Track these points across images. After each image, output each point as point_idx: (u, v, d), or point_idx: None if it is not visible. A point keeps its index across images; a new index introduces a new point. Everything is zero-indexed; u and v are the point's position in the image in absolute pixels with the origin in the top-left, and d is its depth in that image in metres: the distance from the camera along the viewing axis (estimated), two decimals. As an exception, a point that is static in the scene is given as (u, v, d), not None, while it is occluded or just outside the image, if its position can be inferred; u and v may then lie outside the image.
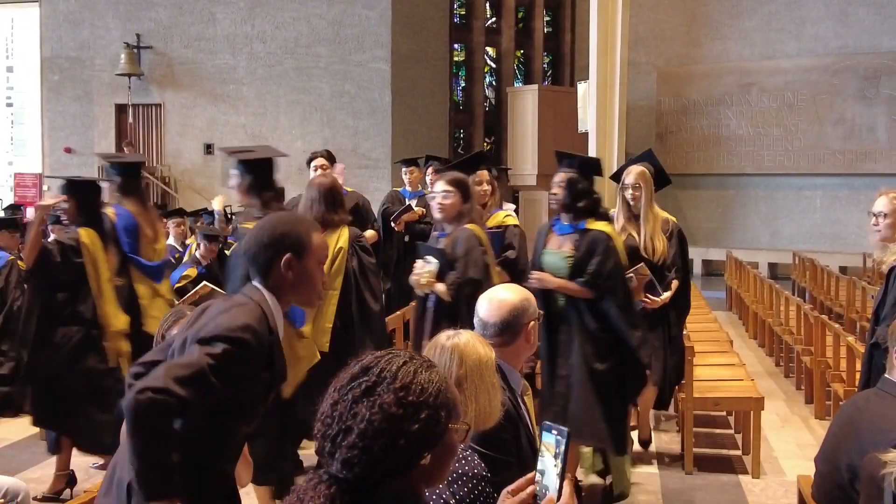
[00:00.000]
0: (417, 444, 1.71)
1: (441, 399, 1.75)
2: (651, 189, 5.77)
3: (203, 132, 16.92)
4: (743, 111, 17.41)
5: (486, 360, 2.69)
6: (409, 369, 1.75)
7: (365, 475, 1.70)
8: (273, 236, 2.76)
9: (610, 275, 4.94)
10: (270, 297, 2.73)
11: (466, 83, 18.96)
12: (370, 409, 1.70)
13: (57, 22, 17.44)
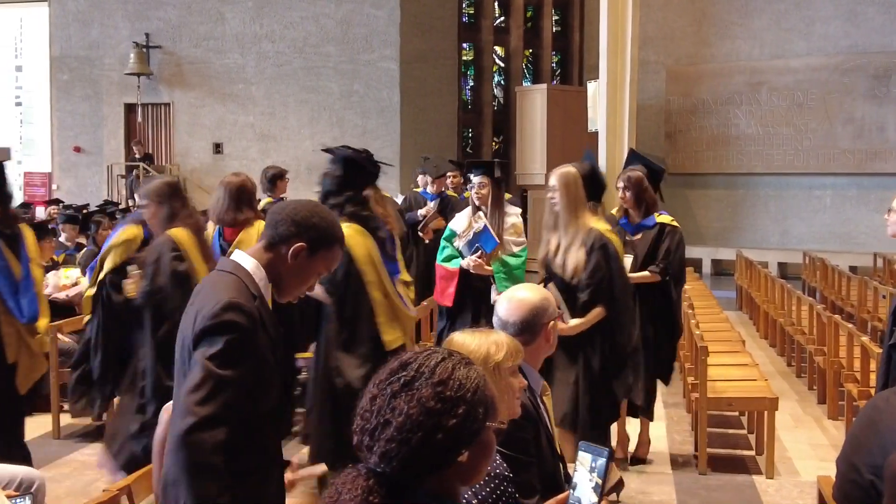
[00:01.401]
0: (455, 439, 1.71)
1: (479, 396, 1.75)
2: (575, 194, 5.11)
3: (212, 131, 16.95)
4: (752, 110, 17.36)
5: (494, 361, 2.62)
6: (447, 365, 1.76)
7: (402, 469, 1.71)
8: (304, 219, 2.70)
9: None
10: (256, 268, 2.66)
11: (475, 82, 18.94)
12: (408, 403, 1.71)
13: (66, 21, 17.48)
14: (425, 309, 7.55)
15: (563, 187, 5.11)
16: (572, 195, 5.10)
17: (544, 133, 16.94)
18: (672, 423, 6.99)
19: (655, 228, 5.79)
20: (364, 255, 4.88)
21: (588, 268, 5.00)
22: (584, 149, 8.72)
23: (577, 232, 5.07)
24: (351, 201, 4.98)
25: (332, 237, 2.73)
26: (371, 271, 4.90)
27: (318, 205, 2.87)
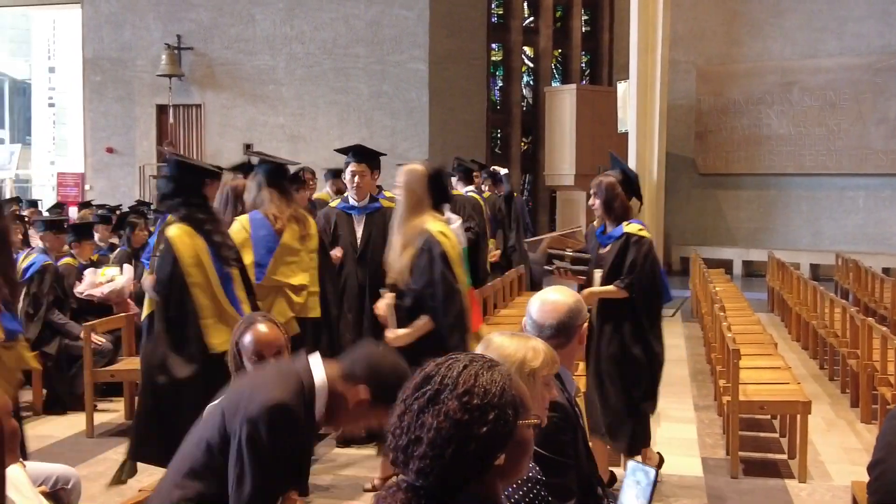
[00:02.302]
0: (489, 446, 1.71)
1: (506, 398, 1.74)
2: (417, 193, 4.87)
3: (242, 132, 17.05)
4: (784, 110, 17.22)
5: (513, 360, 2.60)
6: (470, 372, 1.75)
7: (440, 482, 1.71)
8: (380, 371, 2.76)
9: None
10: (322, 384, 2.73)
11: (504, 83, 18.93)
12: (436, 418, 1.70)
13: (99, 23, 17.65)
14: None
15: (405, 186, 4.90)
16: (415, 195, 4.86)
17: (573, 134, 16.90)
18: (703, 427, 6.96)
19: (622, 239, 5.30)
20: (190, 257, 4.88)
21: (413, 272, 4.78)
22: (610, 151, 8.64)
23: (412, 233, 4.84)
24: (186, 203, 4.99)
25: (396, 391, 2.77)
26: (197, 273, 4.89)
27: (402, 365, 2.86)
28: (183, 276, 4.86)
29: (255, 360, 3.30)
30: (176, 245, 4.86)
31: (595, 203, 5.40)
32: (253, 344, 3.31)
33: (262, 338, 3.31)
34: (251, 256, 5.35)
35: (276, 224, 5.39)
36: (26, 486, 3.05)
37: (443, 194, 5.05)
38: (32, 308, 7.39)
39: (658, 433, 6.77)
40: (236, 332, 3.39)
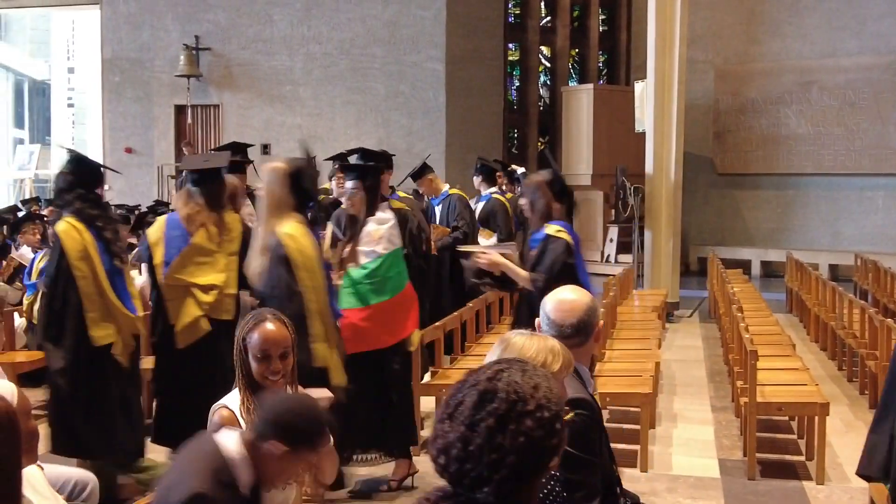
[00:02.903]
0: (557, 454, 1.73)
1: (558, 401, 1.75)
2: (276, 193, 4.81)
3: (260, 133, 17.10)
4: (803, 110, 17.12)
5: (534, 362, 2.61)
6: (531, 384, 1.72)
7: (500, 492, 1.68)
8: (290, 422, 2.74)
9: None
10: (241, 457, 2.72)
11: (521, 83, 18.90)
12: (515, 440, 1.66)
13: (117, 24, 17.74)
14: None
15: (265, 186, 4.89)
16: (274, 196, 4.83)
17: (590, 133, 16.88)
18: (720, 428, 6.93)
19: (544, 240, 5.25)
20: (77, 251, 5.04)
21: (263, 275, 4.78)
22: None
23: (268, 234, 4.80)
24: (80, 199, 5.16)
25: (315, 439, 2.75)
26: (84, 267, 5.04)
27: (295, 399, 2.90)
28: (69, 270, 5.03)
29: (261, 359, 3.28)
30: (63, 239, 5.05)
31: (523, 203, 5.43)
32: (260, 342, 3.28)
33: (268, 336, 3.28)
34: (161, 256, 5.39)
35: (188, 225, 5.40)
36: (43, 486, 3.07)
37: (305, 195, 4.95)
38: None
39: (675, 434, 6.77)
40: (243, 328, 3.35)
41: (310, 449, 2.74)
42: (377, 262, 5.32)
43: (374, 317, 5.32)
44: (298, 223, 4.79)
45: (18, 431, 1.65)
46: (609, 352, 7.38)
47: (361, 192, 5.41)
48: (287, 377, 3.32)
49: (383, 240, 5.35)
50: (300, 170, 4.95)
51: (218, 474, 2.64)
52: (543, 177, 5.36)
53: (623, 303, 10.10)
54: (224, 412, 3.28)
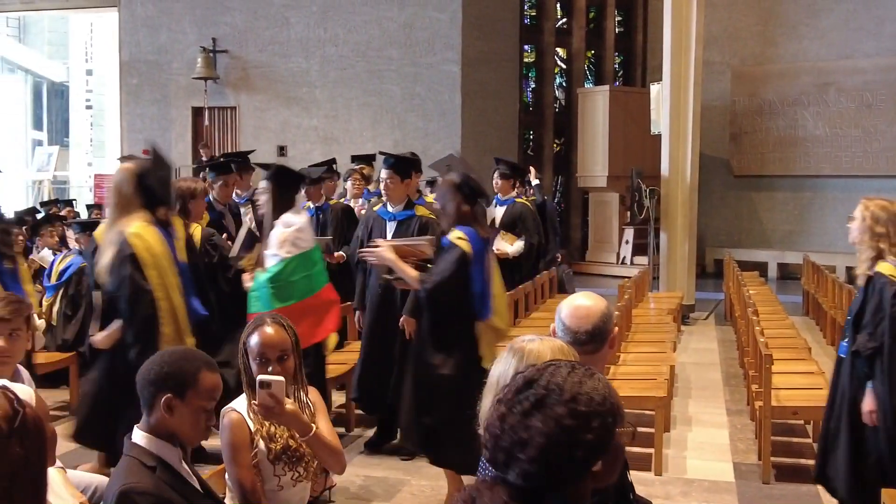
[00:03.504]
0: (593, 452, 1.73)
1: (608, 405, 1.76)
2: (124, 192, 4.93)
3: (276, 134, 17.18)
4: (820, 111, 17.06)
5: None
6: (575, 379, 1.77)
7: (541, 484, 1.73)
8: (159, 374, 2.79)
9: None
10: (148, 440, 2.78)
11: (536, 84, 18.90)
12: (544, 423, 1.71)
13: (135, 26, 17.85)
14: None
15: (113, 185, 4.97)
16: (121, 195, 4.93)
17: (606, 135, 16.88)
18: (735, 432, 6.92)
19: (444, 246, 5.16)
20: None
21: (110, 274, 4.84)
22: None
23: (113, 234, 4.90)
24: None
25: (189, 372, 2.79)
26: None
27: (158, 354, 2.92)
28: None
29: (259, 362, 3.32)
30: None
31: (437, 205, 5.43)
32: (258, 346, 3.32)
33: (266, 340, 3.32)
34: None
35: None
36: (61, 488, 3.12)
37: (151, 194, 5.01)
38: (70, 309, 7.52)
39: (690, 437, 6.77)
40: (245, 332, 3.41)
41: (191, 387, 2.78)
42: (280, 265, 5.27)
43: None
44: (146, 222, 4.91)
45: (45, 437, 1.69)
46: (624, 355, 7.39)
47: (268, 194, 5.43)
48: (287, 379, 3.35)
49: (287, 243, 5.29)
50: (147, 170, 5.06)
51: (140, 465, 2.71)
52: (454, 179, 5.22)
53: (638, 305, 10.09)
54: (233, 415, 3.33)
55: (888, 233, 4.57)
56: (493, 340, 5.09)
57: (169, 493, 2.69)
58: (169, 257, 4.95)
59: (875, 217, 4.58)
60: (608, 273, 16.59)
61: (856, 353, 4.57)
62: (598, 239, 17.73)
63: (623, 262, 16.93)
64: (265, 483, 3.28)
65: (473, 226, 5.08)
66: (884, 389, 4.46)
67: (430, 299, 5.02)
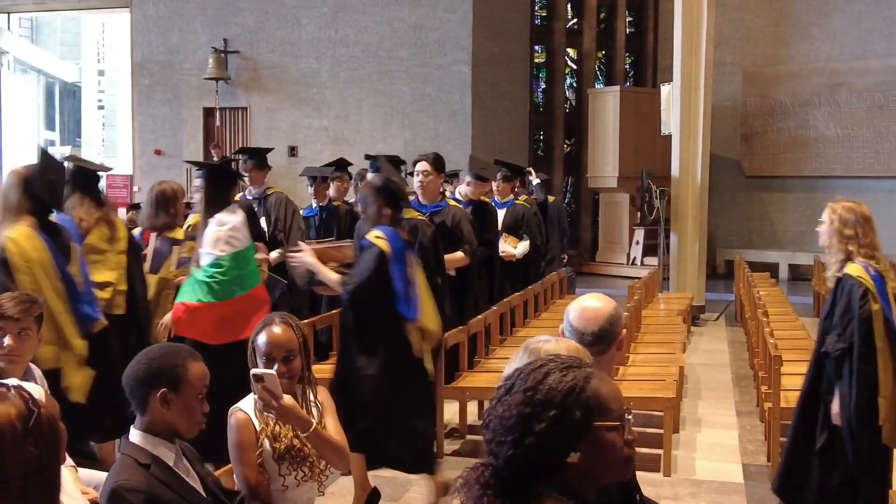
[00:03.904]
0: (548, 442, 1.78)
1: (573, 399, 1.81)
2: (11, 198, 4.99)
3: (287, 135, 17.23)
4: (831, 112, 17.02)
5: None
6: (541, 371, 1.85)
7: (509, 468, 1.81)
8: (148, 371, 2.82)
9: None
10: (142, 438, 2.81)
11: (547, 85, 18.90)
12: (504, 408, 1.82)
13: (147, 27, 17.92)
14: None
15: (2, 189, 5.05)
16: (9, 200, 4.98)
17: (617, 136, 16.87)
18: (745, 433, 6.92)
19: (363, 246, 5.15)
20: None
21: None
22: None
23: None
24: None
25: (178, 364, 2.83)
26: None
27: (143, 352, 2.94)
28: None
29: (266, 361, 3.35)
30: None
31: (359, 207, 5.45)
32: (265, 345, 3.35)
33: (272, 339, 3.34)
34: None
35: (80, 225, 5.56)
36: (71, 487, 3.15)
37: (38, 199, 5.04)
38: None
39: (699, 438, 6.77)
40: (255, 331, 3.44)
41: (182, 378, 2.81)
42: (213, 263, 5.30)
43: (204, 313, 5.28)
44: (28, 227, 4.94)
45: (59, 437, 1.71)
46: (633, 355, 7.39)
47: (201, 193, 5.49)
48: (293, 379, 3.38)
49: (220, 242, 5.30)
50: (34, 175, 5.06)
51: (133, 463, 2.74)
52: (374, 182, 5.23)
53: (648, 306, 10.08)
54: (240, 415, 3.35)
55: (856, 234, 4.58)
56: (424, 342, 5.07)
57: (161, 489, 2.72)
58: (48, 263, 4.98)
59: (843, 219, 4.59)
60: (618, 274, 16.58)
61: (825, 353, 4.58)
62: (609, 239, 17.73)
63: (633, 262, 16.92)
64: (271, 483, 3.30)
65: (395, 227, 5.07)
66: (850, 391, 4.46)
67: (352, 301, 4.99)
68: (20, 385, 1.71)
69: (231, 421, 3.35)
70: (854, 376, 4.45)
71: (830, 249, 4.68)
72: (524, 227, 8.89)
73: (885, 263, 4.65)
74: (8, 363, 3.65)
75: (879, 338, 4.44)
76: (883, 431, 4.47)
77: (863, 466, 4.52)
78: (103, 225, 5.66)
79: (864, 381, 4.43)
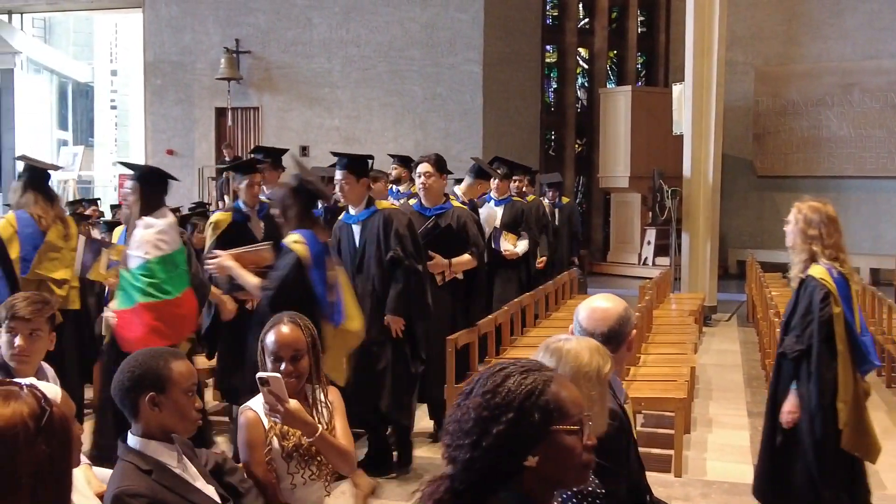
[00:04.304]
0: (505, 445, 1.77)
1: (531, 402, 1.80)
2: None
3: (299, 134, 17.26)
4: (844, 112, 16.94)
5: (587, 369, 2.61)
6: (501, 374, 1.84)
7: (466, 472, 1.80)
8: (133, 378, 2.83)
9: None
10: (142, 443, 2.81)
11: (558, 85, 18.89)
12: (462, 411, 1.82)
13: (159, 27, 17.98)
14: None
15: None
16: None
17: (628, 135, 16.84)
18: (756, 433, 6.84)
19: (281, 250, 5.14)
20: None
21: None
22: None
23: None
24: None
25: (161, 366, 2.84)
26: None
27: (125, 361, 2.95)
28: None
29: (273, 361, 3.37)
30: None
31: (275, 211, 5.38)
32: (273, 344, 3.37)
33: (280, 339, 3.36)
34: (17, 252, 5.79)
35: (40, 223, 5.82)
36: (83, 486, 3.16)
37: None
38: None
39: (710, 439, 6.75)
40: (264, 330, 3.46)
41: (167, 378, 2.82)
42: (140, 266, 5.26)
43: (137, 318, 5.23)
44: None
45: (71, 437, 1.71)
46: (644, 356, 7.37)
47: (136, 194, 5.42)
48: (301, 379, 3.39)
49: (147, 244, 5.25)
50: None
51: (134, 469, 2.75)
52: (291, 183, 5.19)
53: (660, 306, 10.06)
54: (249, 413, 3.37)
55: (820, 235, 4.51)
56: (346, 345, 5.10)
57: (164, 494, 2.73)
58: None
59: (807, 220, 4.54)
60: (629, 274, 16.56)
61: (783, 354, 4.56)
62: (620, 240, 17.70)
63: (644, 262, 16.88)
64: (280, 482, 3.31)
65: (314, 229, 5.06)
66: (810, 393, 4.43)
67: (271, 306, 4.90)
68: (33, 384, 1.71)
69: (241, 420, 3.37)
70: (813, 379, 4.42)
71: (794, 249, 4.63)
72: (523, 224, 8.79)
73: (849, 265, 4.59)
74: (19, 363, 3.69)
75: (840, 340, 4.41)
76: (842, 436, 4.44)
77: (824, 470, 4.48)
78: (59, 223, 5.92)
79: (824, 383, 4.40)
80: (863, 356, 4.50)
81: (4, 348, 3.71)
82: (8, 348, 3.70)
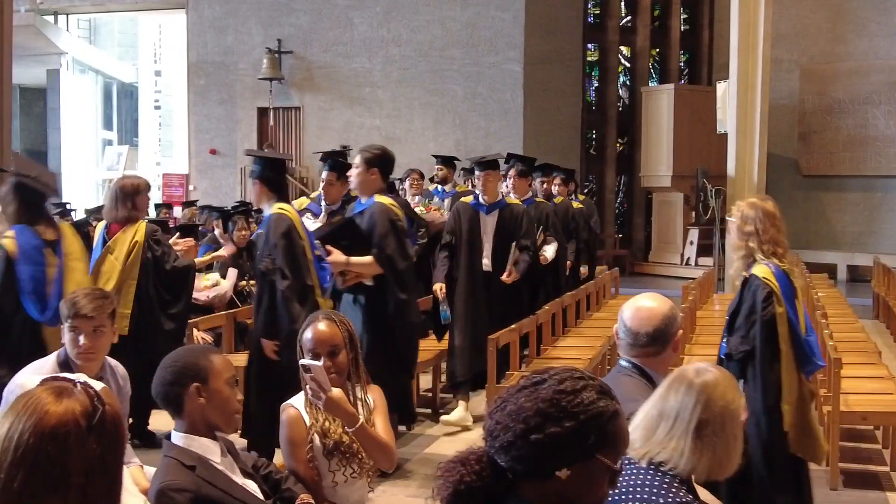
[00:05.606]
0: (550, 447, 1.77)
1: (595, 422, 1.80)
2: None
3: (340, 134, 17.30)
4: (891, 110, 16.65)
5: (734, 407, 2.54)
6: (580, 382, 1.83)
7: (502, 456, 1.80)
8: (175, 372, 2.85)
9: None
10: (187, 440, 2.83)
11: (600, 83, 18.76)
12: (527, 398, 1.81)
13: (202, 28, 18.14)
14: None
15: None
16: None
17: (671, 134, 16.70)
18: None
19: None
20: None
21: None
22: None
23: None
24: None
25: (201, 359, 2.88)
26: None
27: (166, 357, 2.97)
28: None
29: (311, 358, 3.38)
30: None
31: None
32: (310, 341, 3.39)
33: (317, 336, 3.38)
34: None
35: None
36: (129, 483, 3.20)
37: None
38: None
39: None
40: (301, 328, 3.49)
41: (209, 370, 2.86)
42: None
43: None
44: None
45: (122, 436, 1.72)
46: (688, 357, 7.29)
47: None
48: (341, 374, 3.39)
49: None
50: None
51: (178, 465, 2.76)
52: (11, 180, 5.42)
53: (703, 307, 9.95)
54: (291, 411, 3.39)
55: (756, 231, 4.40)
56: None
57: (208, 489, 2.74)
58: None
59: (744, 217, 4.43)
60: (672, 274, 16.41)
61: (728, 356, 4.46)
62: (662, 239, 17.55)
63: (687, 262, 16.72)
64: (322, 479, 3.32)
65: (38, 225, 5.20)
66: (756, 394, 4.33)
67: None
68: (87, 381, 1.72)
69: (282, 417, 3.39)
70: (758, 380, 4.34)
71: (733, 247, 4.56)
72: (549, 228, 8.35)
73: (788, 261, 4.50)
74: (85, 361, 3.68)
75: (783, 341, 4.32)
76: (788, 438, 4.35)
77: (773, 473, 4.38)
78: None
79: (767, 385, 4.32)
80: (807, 357, 4.40)
81: (69, 346, 3.70)
82: (73, 347, 3.68)
